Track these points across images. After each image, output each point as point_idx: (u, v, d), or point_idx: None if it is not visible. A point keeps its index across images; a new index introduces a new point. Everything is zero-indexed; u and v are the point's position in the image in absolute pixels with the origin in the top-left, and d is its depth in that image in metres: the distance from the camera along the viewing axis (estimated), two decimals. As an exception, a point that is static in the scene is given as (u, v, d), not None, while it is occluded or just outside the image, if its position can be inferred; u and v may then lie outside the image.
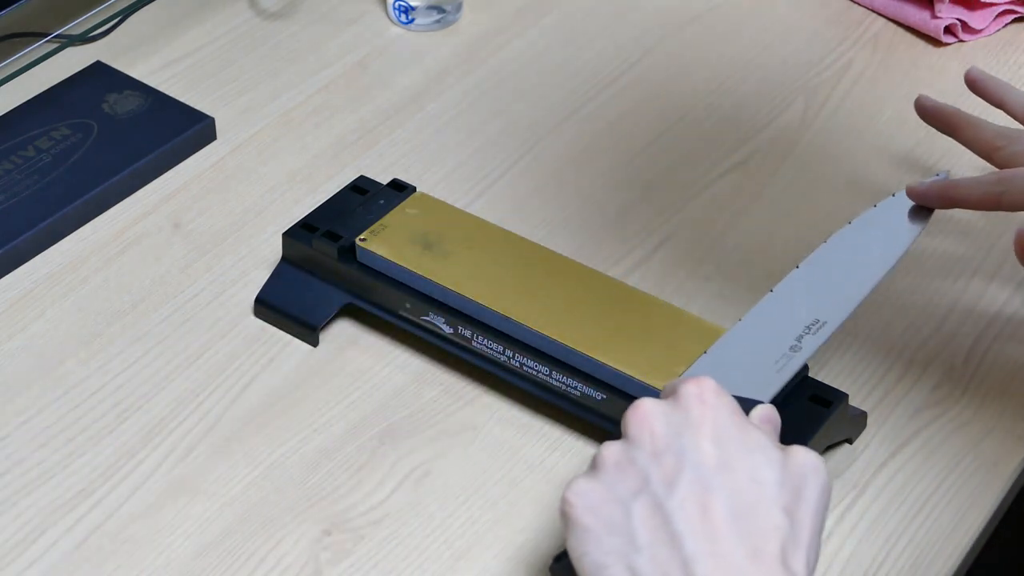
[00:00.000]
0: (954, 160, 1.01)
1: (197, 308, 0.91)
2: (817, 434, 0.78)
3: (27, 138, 0.99)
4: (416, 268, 0.85)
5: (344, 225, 0.88)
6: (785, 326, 0.79)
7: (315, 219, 0.90)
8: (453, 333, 0.85)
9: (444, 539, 0.78)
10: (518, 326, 0.83)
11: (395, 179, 0.92)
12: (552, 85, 1.08)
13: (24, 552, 0.78)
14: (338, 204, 0.91)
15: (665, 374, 0.78)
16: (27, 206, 0.94)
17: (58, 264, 0.93)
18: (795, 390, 0.79)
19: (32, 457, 0.82)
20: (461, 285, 0.84)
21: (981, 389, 0.86)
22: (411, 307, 0.86)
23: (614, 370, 0.80)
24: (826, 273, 0.82)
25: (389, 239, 0.87)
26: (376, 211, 0.89)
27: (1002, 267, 0.94)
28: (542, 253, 0.88)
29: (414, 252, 0.86)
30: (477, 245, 0.87)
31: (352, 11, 1.14)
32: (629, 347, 0.81)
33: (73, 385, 0.86)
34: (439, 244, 0.87)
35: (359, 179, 0.93)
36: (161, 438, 0.83)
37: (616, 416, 0.74)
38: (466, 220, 0.90)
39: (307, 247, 0.88)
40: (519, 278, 0.86)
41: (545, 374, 0.82)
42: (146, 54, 1.09)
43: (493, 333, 0.84)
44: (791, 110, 1.06)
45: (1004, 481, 0.82)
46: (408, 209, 0.89)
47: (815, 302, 0.80)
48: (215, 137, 1.02)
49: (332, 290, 0.88)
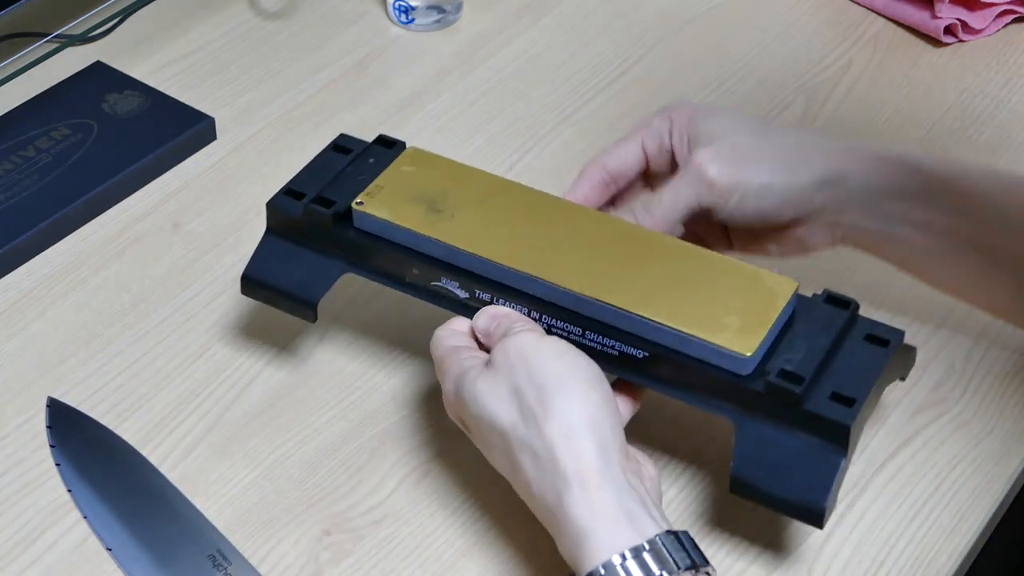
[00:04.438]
0: (954, 160, 1.01)
1: (197, 308, 0.91)
2: (880, 377, 0.74)
3: (27, 138, 0.99)
4: (422, 229, 0.78)
5: (334, 189, 0.81)
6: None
7: (300, 184, 0.83)
8: (470, 297, 0.78)
9: (444, 539, 0.78)
10: (542, 284, 0.76)
11: (381, 135, 0.85)
12: (552, 85, 1.08)
13: (24, 552, 0.78)
14: (322, 166, 0.84)
15: (713, 325, 0.74)
16: (27, 206, 0.94)
17: (58, 264, 0.93)
18: (848, 330, 0.76)
19: (32, 457, 0.82)
20: (474, 244, 0.78)
21: (981, 389, 0.86)
22: (419, 272, 0.79)
23: (655, 324, 0.74)
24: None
25: (388, 200, 0.80)
26: (368, 171, 0.82)
27: (1002, 267, 0.94)
28: (556, 203, 0.81)
29: (417, 212, 0.79)
30: (485, 199, 0.80)
31: (352, 11, 1.14)
32: (668, 297, 0.75)
33: (73, 385, 0.86)
34: (443, 202, 0.80)
35: (340, 137, 0.86)
36: (161, 438, 0.83)
37: (661, 375, 0.75)
38: (469, 173, 0.83)
39: (295, 215, 0.81)
40: (536, 232, 0.79)
41: (578, 335, 0.76)
42: (146, 54, 1.09)
43: (515, 294, 0.77)
44: (791, 110, 1.06)
45: (1004, 481, 0.82)
46: (404, 167, 0.82)
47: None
48: (215, 137, 1.02)
49: (327, 261, 0.81)
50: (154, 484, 0.81)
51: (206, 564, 0.76)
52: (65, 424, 0.84)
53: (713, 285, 0.76)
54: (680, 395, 0.75)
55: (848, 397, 0.72)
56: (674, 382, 0.75)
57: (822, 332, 0.75)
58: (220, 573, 0.76)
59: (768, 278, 0.76)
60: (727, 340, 0.73)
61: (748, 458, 0.73)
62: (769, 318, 0.74)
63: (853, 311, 0.76)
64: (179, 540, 0.77)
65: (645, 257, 0.77)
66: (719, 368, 0.73)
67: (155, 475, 0.81)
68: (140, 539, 0.77)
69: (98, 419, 0.84)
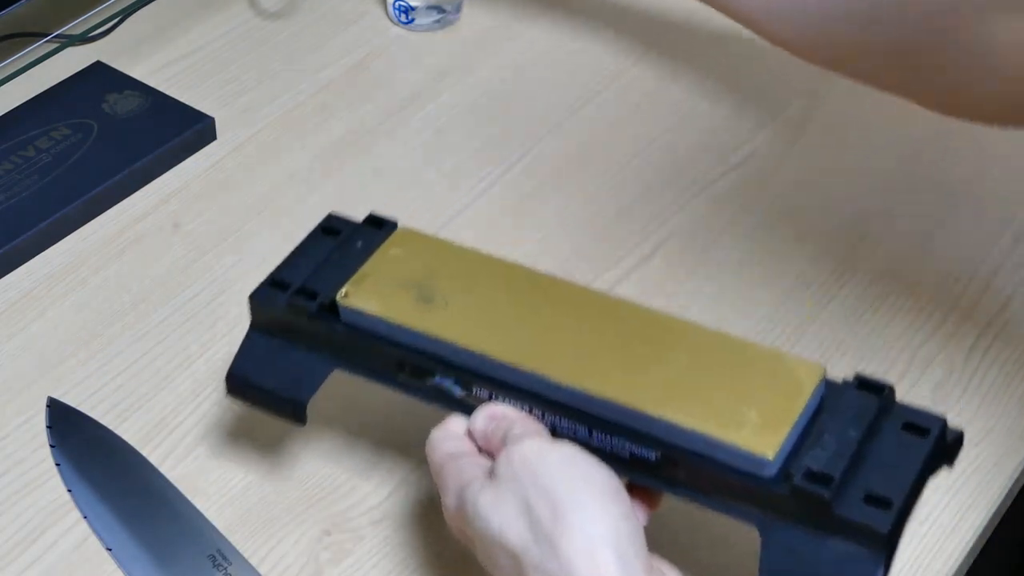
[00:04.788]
0: (954, 161, 1.01)
1: (197, 308, 0.91)
2: (920, 473, 0.67)
3: (27, 138, 0.99)
4: (412, 323, 0.72)
5: (320, 278, 0.75)
6: None
7: (285, 273, 0.76)
8: (467, 395, 0.72)
9: (445, 539, 0.78)
10: (544, 380, 0.70)
11: (372, 214, 0.79)
12: (552, 85, 1.08)
13: (24, 552, 0.78)
14: (309, 251, 0.77)
15: (730, 421, 0.67)
16: (27, 206, 0.94)
17: (58, 264, 0.93)
18: (882, 419, 0.68)
19: (32, 457, 0.82)
20: (470, 337, 0.71)
21: (981, 389, 0.86)
22: (411, 370, 0.73)
23: (667, 423, 0.67)
24: None
25: (375, 290, 0.74)
26: (354, 256, 0.76)
27: (1002, 267, 0.94)
28: (555, 285, 0.74)
29: (407, 302, 0.73)
30: (480, 286, 0.74)
31: (352, 11, 1.14)
32: (681, 391, 0.68)
33: (73, 385, 0.86)
34: (435, 290, 0.73)
35: (328, 218, 0.79)
36: (161, 438, 0.83)
37: (678, 477, 0.68)
38: (461, 256, 0.76)
39: (279, 309, 0.75)
40: (536, 322, 0.72)
41: (584, 436, 0.69)
42: (146, 54, 1.09)
43: (515, 391, 0.70)
44: (791, 110, 1.06)
45: (1004, 481, 0.82)
46: (392, 250, 0.76)
47: None
48: (215, 137, 1.02)
49: (315, 358, 0.75)
50: (154, 484, 0.81)
51: (206, 564, 0.76)
52: (65, 424, 0.84)
53: (731, 374, 0.69)
54: (700, 499, 0.68)
55: (884, 498, 0.65)
56: (692, 486, 0.68)
57: (853, 422, 0.67)
58: (220, 573, 0.76)
59: (791, 362, 0.69)
60: (746, 439, 0.66)
61: (776, 569, 0.66)
62: (793, 411, 0.67)
63: (888, 397, 0.69)
64: (179, 540, 0.77)
65: (655, 345, 0.71)
66: (740, 470, 0.66)
67: (155, 475, 0.81)
68: (140, 539, 0.77)
69: (98, 419, 0.84)
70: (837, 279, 0.92)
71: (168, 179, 0.99)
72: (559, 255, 0.94)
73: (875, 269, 0.93)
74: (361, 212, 0.97)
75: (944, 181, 1.00)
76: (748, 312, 0.90)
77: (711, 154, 1.02)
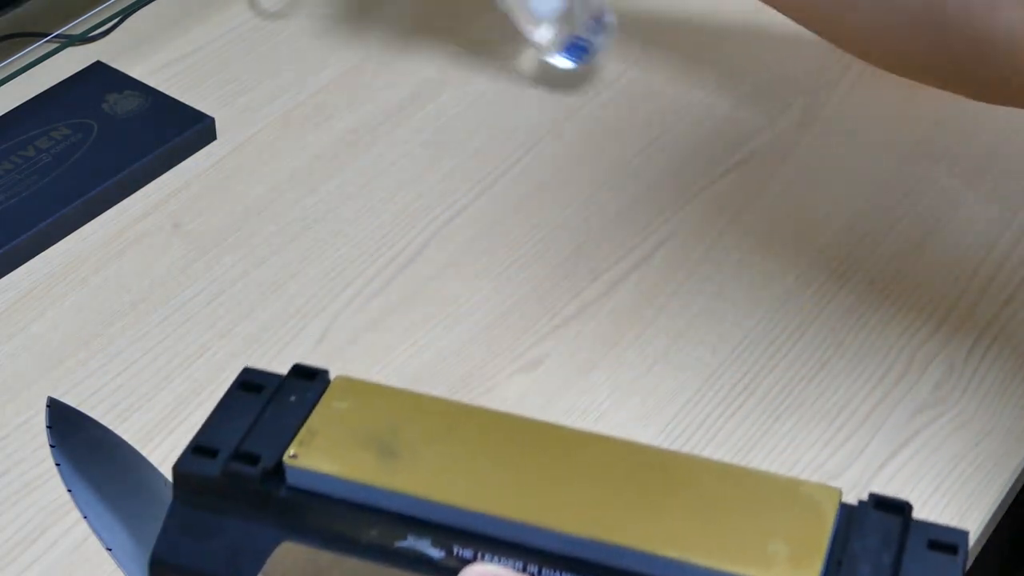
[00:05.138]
0: (954, 161, 1.01)
1: (197, 308, 0.91)
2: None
3: (27, 138, 0.99)
4: (377, 480, 0.63)
5: (255, 439, 0.66)
6: None
7: (211, 438, 0.68)
8: (446, 556, 0.63)
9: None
10: (536, 530, 0.62)
11: (297, 364, 0.70)
12: (558, 82, 1.08)
13: (24, 552, 0.78)
14: (233, 412, 0.69)
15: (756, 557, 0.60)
16: (27, 206, 0.94)
17: (58, 264, 0.93)
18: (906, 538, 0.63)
19: (32, 457, 0.82)
20: (445, 490, 0.63)
21: (981, 389, 0.86)
22: (379, 533, 0.64)
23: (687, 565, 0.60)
24: None
25: (327, 448, 0.65)
26: (292, 413, 0.67)
27: (1002, 267, 0.94)
28: (532, 427, 0.66)
29: (367, 459, 0.64)
30: (447, 431, 0.66)
31: (352, 11, 1.14)
32: (694, 528, 0.61)
33: (73, 385, 0.86)
34: (396, 441, 0.65)
35: (245, 372, 0.71)
36: (161, 438, 0.83)
37: None
38: (417, 402, 0.68)
39: (212, 478, 0.67)
40: (519, 467, 0.64)
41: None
42: (146, 54, 1.09)
43: (504, 546, 0.62)
44: (791, 110, 1.06)
45: (1004, 481, 0.82)
46: (336, 403, 0.68)
47: None
48: (215, 137, 1.02)
49: (258, 529, 0.66)
50: (154, 484, 0.81)
51: (206, 564, 0.76)
52: (65, 424, 0.83)
53: (745, 505, 0.62)
54: None
55: None
56: None
57: (882, 546, 0.62)
58: (220, 573, 0.76)
59: (805, 487, 0.64)
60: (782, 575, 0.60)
61: None
62: (821, 540, 0.62)
63: (908, 515, 0.64)
64: (179, 540, 0.77)
65: (657, 482, 0.63)
66: None
67: (155, 475, 0.81)
68: (140, 539, 0.77)
69: (98, 419, 0.84)
70: (837, 279, 0.92)
71: (168, 179, 0.99)
72: (559, 255, 0.94)
73: (875, 269, 0.93)
74: (361, 214, 0.97)
75: (944, 181, 1.00)
76: (748, 312, 0.90)
77: (711, 154, 1.02)
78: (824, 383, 0.86)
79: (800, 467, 0.81)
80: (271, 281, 0.92)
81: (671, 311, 0.90)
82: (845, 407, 0.85)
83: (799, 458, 0.82)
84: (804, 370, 0.87)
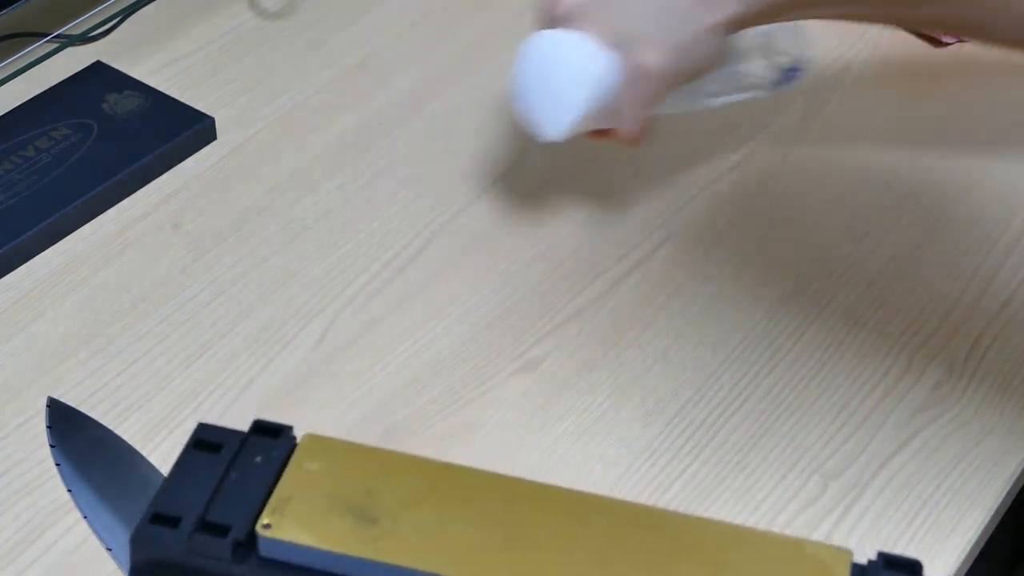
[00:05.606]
0: (954, 161, 1.01)
1: (197, 308, 0.91)
2: None
3: (27, 138, 0.99)
4: (358, 551, 0.59)
5: (221, 507, 0.62)
6: None
7: (170, 504, 0.63)
8: None
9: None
10: None
11: (258, 421, 0.66)
12: (552, 85, 1.08)
13: (24, 552, 0.78)
14: (192, 474, 0.64)
15: None
16: (27, 206, 0.94)
17: (58, 264, 0.93)
18: None
19: (32, 457, 0.82)
20: (432, 560, 0.59)
21: (981, 389, 0.86)
22: None
23: None
24: None
25: (302, 516, 0.61)
26: (258, 475, 0.63)
27: (1002, 267, 0.94)
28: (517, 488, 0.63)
29: (345, 526, 0.60)
30: (423, 494, 0.62)
31: (352, 11, 1.14)
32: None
33: (73, 385, 0.86)
34: (375, 506, 0.61)
35: (200, 429, 0.66)
36: (161, 438, 0.83)
37: None
38: (391, 462, 0.65)
39: (175, 549, 0.62)
40: (509, 533, 0.60)
41: None
42: (146, 54, 1.09)
43: None
44: (791, 110, 1.06)
45: (1004, 481, 0.82)
46: (307, 464, 0.63)
47: None
48: (215, 137, 1.02)
49: None
50: (154, 484, 0.81)
51: (206, 564, 0.76)
52: (65, 424, 0.84)
53: (755, 571, 0.60)
54: None
55: None
56: None
57: None
58: (220, 573, 0.76)
59: (816, 550, 0.63)
60: None
61: None
62: None
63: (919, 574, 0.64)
64: (179, 540, 0.77)
65: (656, 547, 0.61)
66: None
67: (155, 475, 0.81)
68: (140, 539, 0.77)
69: (98, 419, 0.84)
70: (837, 279, 0.92)
71: (168, 179, 0.99)
72: (559, 255, 0.94)
73: (875, 269, 0.93)
74: (361, 214, 0.97)
75: (944, 181, 1.00)
76: (748, 312, 0.90)
77: (711, 154, 1.02)
78: (824, 383, 0.86)
79: (800, 467, 0.81)
80: (271, 281, 0.92)
81: (671, 311, 0.90)
82: (845, 407, 0.85)
83: (799, 458, 0.82)
84: (804, 370, 0.87)
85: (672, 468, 0.81)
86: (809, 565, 0.61)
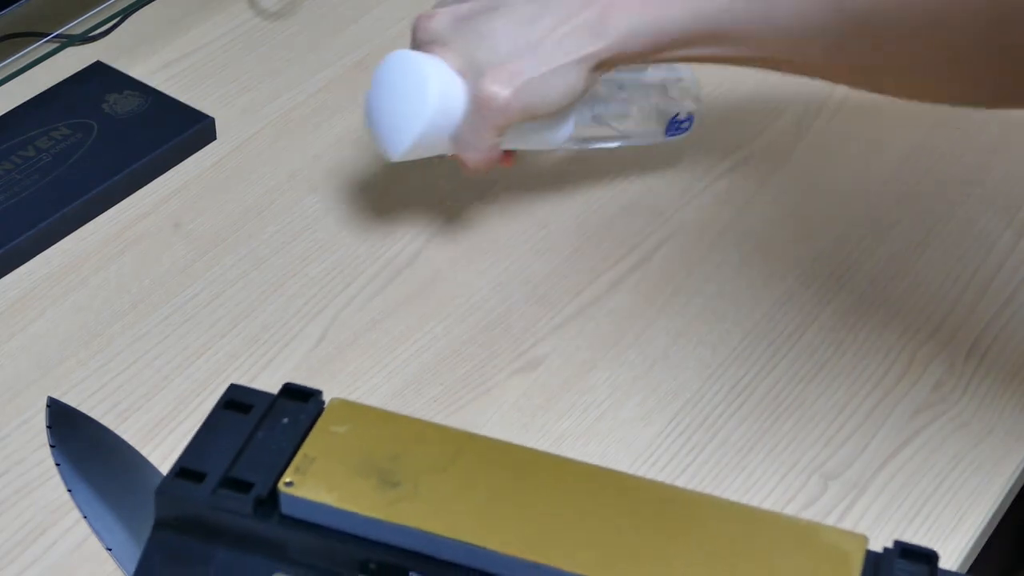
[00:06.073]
0: (953, 162, 1.01)
1: (197, 308, 0.91)
2: None
3: (27, 138, 0.99)
4: (379, 512, 0.60)
5: (246, 464, 0.63)
6: None
7: (197, 461, 0.64)
8: None
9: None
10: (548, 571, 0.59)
11: (288, 385, 0.67)
12: (552, 85, 1.08)
13: (24, 552, 0.78)
14: (220, 433, 0.65)
15: None
16: (27, 206, 0.94)
17: (58, 264, 0.93)
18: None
19: (32, 457, 0.82)
20: (452, 525, 0.60)
21: (981, 389, 0.86)
22: (379, 569, 0.61)
23: None
24: None
25: (325, 476, 0.62)
26: (285, 436, 0.64)
27: (1002, 267, 0.94)
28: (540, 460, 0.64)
29: (367, 488, 0.61)
30: (452, 461, 0.63)
31: (352, 11, 1.14)
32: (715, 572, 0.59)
33: (73, 385, 0.86)
34: (398, 470, 0.62)
35: (231, 390, 0.67)
36: (161, 438, 0.83)
37: None
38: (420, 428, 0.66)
39: (199, 504, 0.62)
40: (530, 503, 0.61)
41: None
42: (146, 54, 1.09)
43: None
44: (790, 110, 1.06)
45: (1004, 481, 0.82)
46: (334, 427, 0.64)
47: None
48: (215, 137, 1.02)
49: (247, 561, 0.62)
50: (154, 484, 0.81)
51: (206, 564, 0.76)
52: (65, 424, 0.84)
53: (769, 552, 0.60)
54: None
55: None
56: None
57: None
58: (220, 573, 0.76)
59: (831, 535, 0.63)
60: None
61: None
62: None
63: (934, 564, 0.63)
64: (179, 540, 0.77)
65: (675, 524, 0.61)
66: None
67: (155, 475, 0.81)
68: (140, 539, 0.77)
69: (98, 419, 0.84)
70: (837, 279, 0.92)
71: (168, 179, 0.99)
72: (559, 255, 0.94)
73: (875, 269, 0.93)
74: (361, 214, 0.97)
75: (944, 182, 1.00)
76: (748, 312, 0.90)
77: (711, 154, 1.02)
78: (824, 383, 0.86)
79: (800, 467, 0.81)
80: (271, 281, 0.92)
81: (671, 311, 0.90)
82: (845, 407, 0.85)
83: (799, 458, 0.82)
84: (804, 370, 0.87)
85: (672, 468, 0.81)
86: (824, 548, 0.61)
